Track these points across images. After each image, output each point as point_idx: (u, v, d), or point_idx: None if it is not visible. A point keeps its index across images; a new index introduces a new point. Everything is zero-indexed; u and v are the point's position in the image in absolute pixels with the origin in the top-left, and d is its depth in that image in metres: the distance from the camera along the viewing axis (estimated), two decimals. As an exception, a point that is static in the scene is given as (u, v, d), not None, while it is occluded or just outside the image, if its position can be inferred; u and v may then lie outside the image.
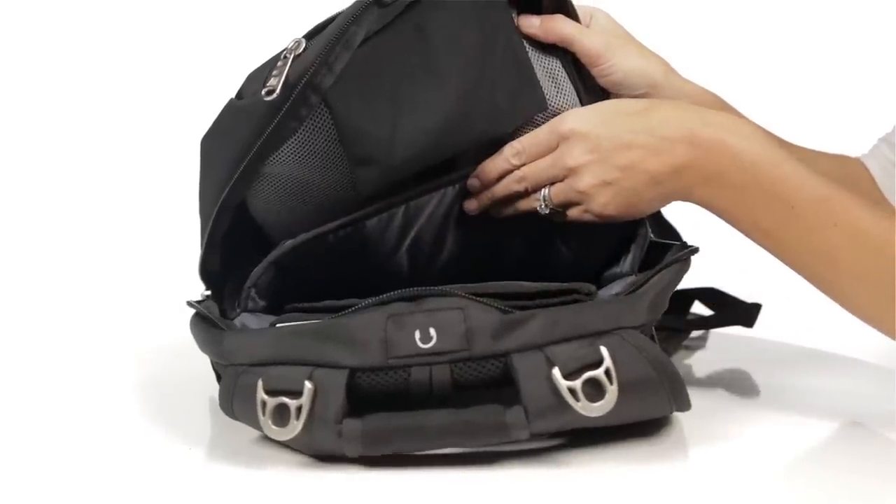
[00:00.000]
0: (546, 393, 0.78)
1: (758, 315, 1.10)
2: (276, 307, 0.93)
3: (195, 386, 0.93)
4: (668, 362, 0.81)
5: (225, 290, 0.96)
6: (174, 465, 0.85)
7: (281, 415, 0.80)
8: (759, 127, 0.90)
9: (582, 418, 0.78)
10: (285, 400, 0.79)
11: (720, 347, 1.13)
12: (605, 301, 0.84)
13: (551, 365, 0.78)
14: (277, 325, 0.86)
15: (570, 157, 0.89)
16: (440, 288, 0.82)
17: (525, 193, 0.92)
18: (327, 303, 0.87)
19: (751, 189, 0.85)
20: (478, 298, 0.81)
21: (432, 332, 0.79)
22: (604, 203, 0.89)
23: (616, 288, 0.88)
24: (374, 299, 0.83)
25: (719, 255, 1.03)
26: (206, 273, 0.95)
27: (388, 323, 0.80)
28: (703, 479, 0.79)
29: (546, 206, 0.91)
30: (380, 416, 0.79)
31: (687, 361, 1.10)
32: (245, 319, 0.91)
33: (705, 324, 1.14)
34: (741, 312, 1.11)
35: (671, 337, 1.09)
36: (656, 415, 0.83)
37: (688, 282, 1.00)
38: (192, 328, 0.91)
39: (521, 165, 0.91)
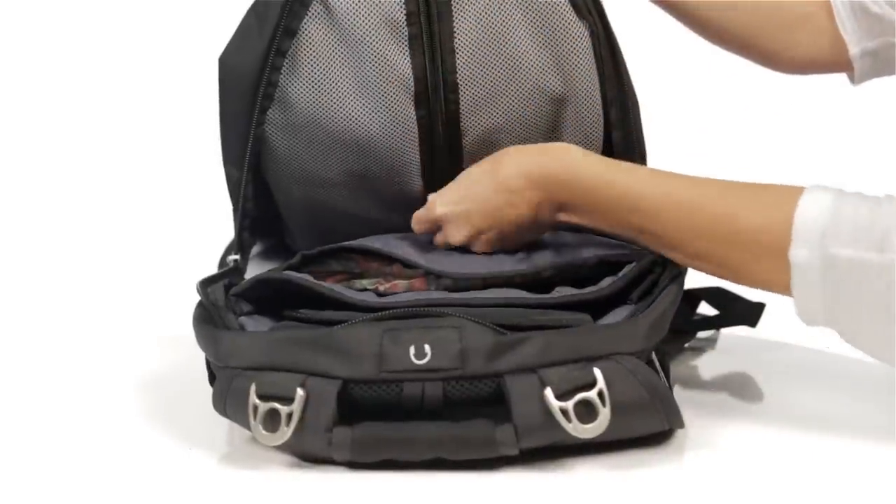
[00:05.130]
0: (537, 412, 0.78)
1: (761, 314, 1.10)
2: (265, 309, 0.93)
3: (195, 385, 0.93)
4: (662, 385, 0.81)
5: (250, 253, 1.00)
6: (174, 465, 0.86)
7: (272, 420, 0.80)
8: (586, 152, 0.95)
9: (573, 437, 0.78)
10: (276, 405, 0.80)
11: (724, 349, 1.13)
12: (602, 326, 0.84)
13: (544, 385, 0.78)
14: (274, 331, 0.87)
15: (452, 237, 0.96)
16: (437, 308, 0.83)
17: None
18: (327, 313, 0.87)
19: (602, 207, 0.91)
20: (475, 319, 0.81)
21: (427, 348, 0.80)
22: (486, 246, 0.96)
23: (614, 316, 0.88)
24: (372, 315, 0.83)
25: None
26: (243, 210, 0.99)
27: (383, 337, 0.81)
28: (703, 484, 0.80)
29: None
30: (370, 425, 0.80)
31: (692, 363, 1.09)
32: (243, 322, 0.91)
33: (709, 324, 1.14)
34: (744, 312, 1.10)
35: (676, 338, 1.09)
36: (649, 432, 0.83)
37: (694, 282, 1.00)
38: (193, 322, 0.90)
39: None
